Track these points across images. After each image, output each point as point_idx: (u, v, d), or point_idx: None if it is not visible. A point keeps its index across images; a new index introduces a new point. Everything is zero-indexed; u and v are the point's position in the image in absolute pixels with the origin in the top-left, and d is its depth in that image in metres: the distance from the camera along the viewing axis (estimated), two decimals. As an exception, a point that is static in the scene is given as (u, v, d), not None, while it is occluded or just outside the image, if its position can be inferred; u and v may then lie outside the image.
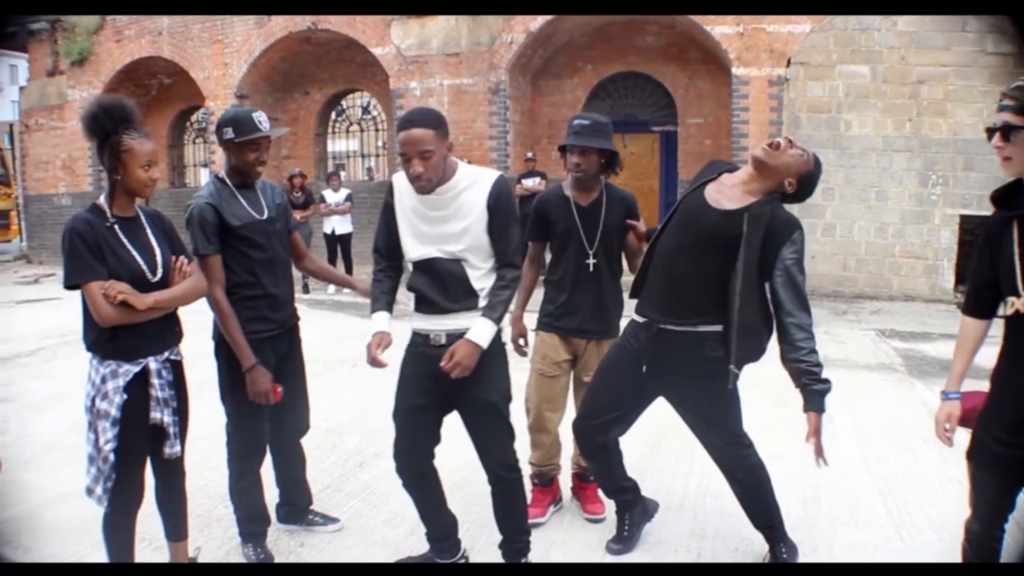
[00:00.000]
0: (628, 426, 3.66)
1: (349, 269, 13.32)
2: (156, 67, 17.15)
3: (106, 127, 3.01)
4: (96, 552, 3.69)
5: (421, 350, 3.31)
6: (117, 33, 16.68)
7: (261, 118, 3.61)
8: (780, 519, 3.59)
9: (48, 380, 7.26)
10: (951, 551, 3.83)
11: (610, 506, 4.02)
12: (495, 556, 3.73)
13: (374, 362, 3.28)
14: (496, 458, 3.34)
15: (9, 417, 6.21)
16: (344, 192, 13.19)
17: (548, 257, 4.23)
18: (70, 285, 3.00)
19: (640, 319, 3.51)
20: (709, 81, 14.01)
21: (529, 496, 4.06)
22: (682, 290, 3.34)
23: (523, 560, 3.47)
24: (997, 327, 2.87)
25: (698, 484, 4.61)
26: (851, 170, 11.64)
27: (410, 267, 3.32)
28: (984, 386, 2.90)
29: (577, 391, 4.17)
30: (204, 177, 19.27)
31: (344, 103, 17.73)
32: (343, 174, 17.34)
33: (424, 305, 3.25)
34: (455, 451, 3.70)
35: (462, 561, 3.62)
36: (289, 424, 3.96)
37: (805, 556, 3.80)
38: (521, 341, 4.20)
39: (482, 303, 3.19)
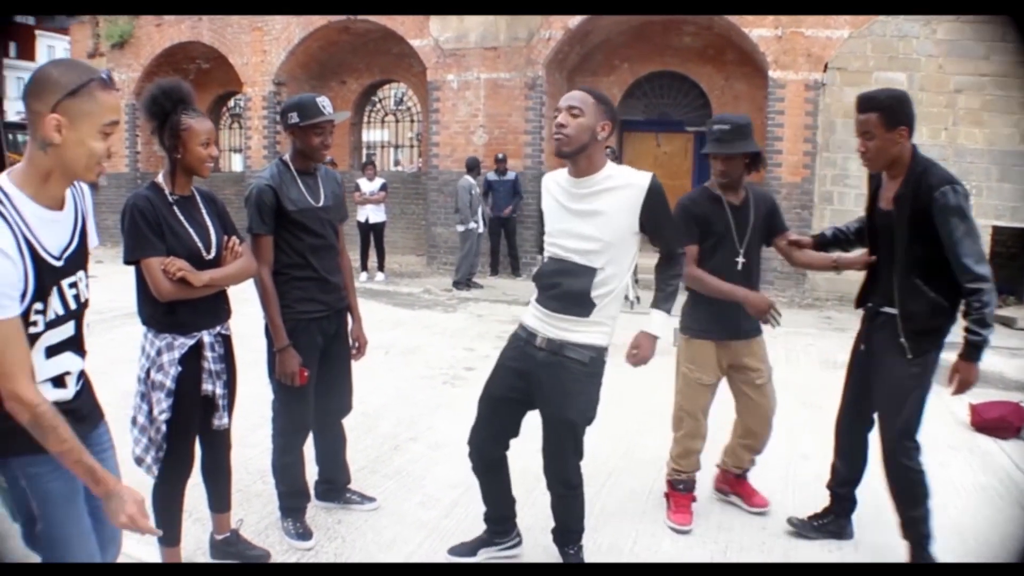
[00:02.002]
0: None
1: (381, 257, 13.50)
2: (195, 52, 17.32)
3: (165, 108, 3.13)
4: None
5: (522, 345, 3.37)
6: (158, 17, 16.84)
7: (325, 103, 3.72)
8: (928, 530, 3.60)
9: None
10: (974, 555, 3.92)
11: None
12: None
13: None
14: (557, 474, 3.42)
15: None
16: (379, 181, 13.31)
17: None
18: (129, 260, 3.12)
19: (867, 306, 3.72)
20: (745, 83, 14.02)
21: (669, 501, 4.21)
22: (891, 280, 3.51)
23: (574, 547, 3.55)
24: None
25: (725, 479, 4.67)
26: (884, 177, 11.59)
27: (544, 257, 3.37)
28: (1007, 396, 2.96)
29: (741, 398, 4.21)
30: (238, 163, 19.48)
31: (379, 93, 17.86)
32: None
33: (542, 299, 3.30)
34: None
35: (516, 541, 3.75)
36: (333, 404, 4.06)
37: (830, 553, 3.88)
38: None
39: (596, 315, 3.20)
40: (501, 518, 3.71)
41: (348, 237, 12.59)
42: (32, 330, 2.12)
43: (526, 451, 3.52)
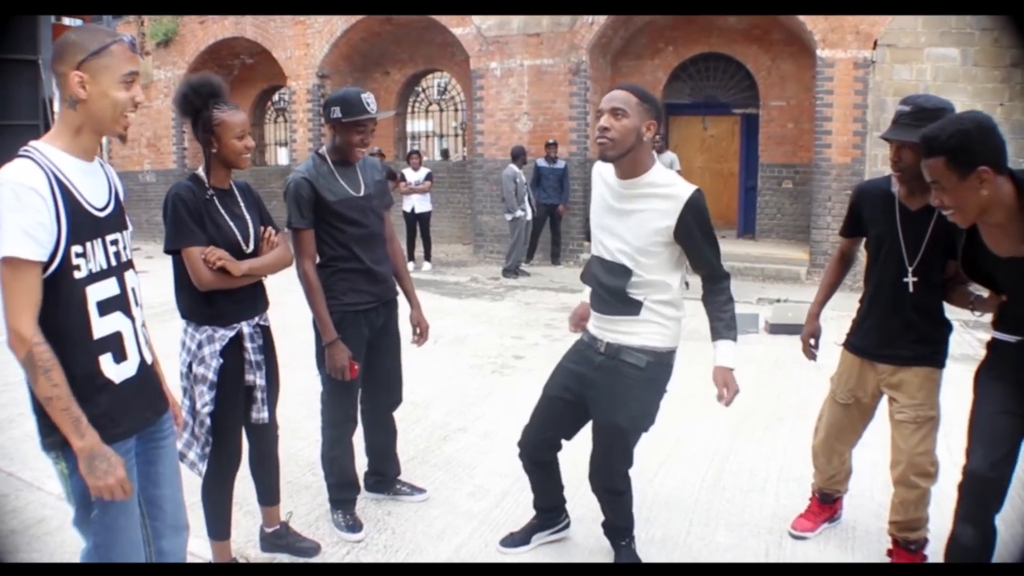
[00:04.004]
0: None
1: (428, 247, 13.54)
2: (239, 47, 17.46)
3: (196, 104, 3.13)
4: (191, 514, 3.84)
5: (583, 349, 3.33)
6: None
7: (369, 100, 3.67)
8: None
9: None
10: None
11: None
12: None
13: (572, 328, 3.56)
14: (602, 480, 3.35)
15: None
16: (424, 171, 13.32)
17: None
18: (170, 249, 3.13)
19: (1010, 338, 2.93)
20: (792, 63, 13.73)
21: (807, 503, 3.96)
22: None
23: (625, 540, 3.51)
24: None
25: (780, 467, 4.60)
26: (938, 155, 11.31)
27: (590, 254, 3.32)
28: None
29: (894, 432, 3.44)
30: (283, 156, 19.66)
31: (422, 83, 17.88)
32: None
33: (594, 303, 3.26)
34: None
35: (566, 523, 3.77)
36: (383, 396, 4.05)
37: (885, 542, 3.78)
38: (812, 341, 3.73)
39: (648, 314, 3.09)
40: (549, 507, 3.71)
41: (395, 227, 12.69)
42: (76, 275, 2.22)
43: (577, 442, 3.48)
